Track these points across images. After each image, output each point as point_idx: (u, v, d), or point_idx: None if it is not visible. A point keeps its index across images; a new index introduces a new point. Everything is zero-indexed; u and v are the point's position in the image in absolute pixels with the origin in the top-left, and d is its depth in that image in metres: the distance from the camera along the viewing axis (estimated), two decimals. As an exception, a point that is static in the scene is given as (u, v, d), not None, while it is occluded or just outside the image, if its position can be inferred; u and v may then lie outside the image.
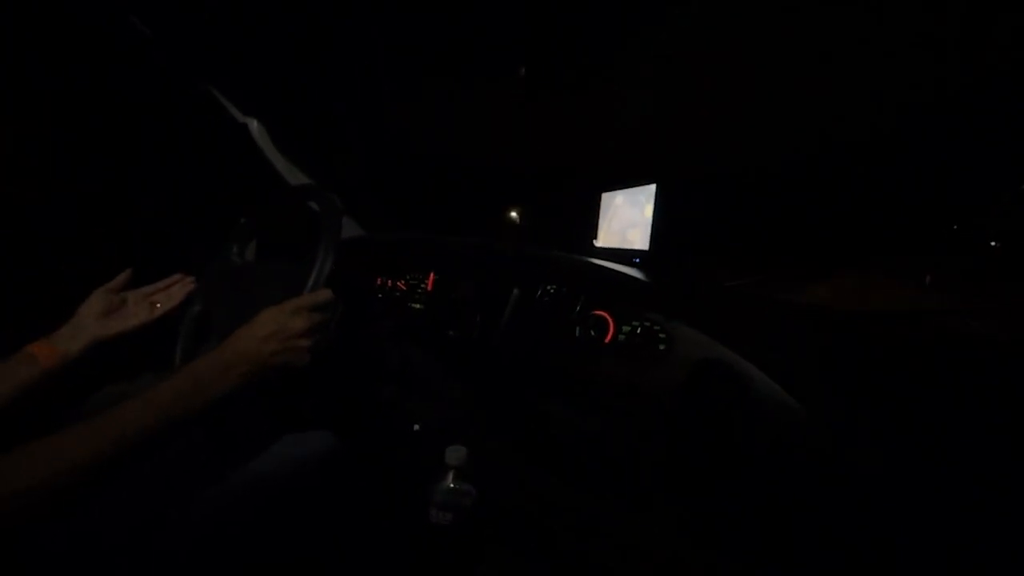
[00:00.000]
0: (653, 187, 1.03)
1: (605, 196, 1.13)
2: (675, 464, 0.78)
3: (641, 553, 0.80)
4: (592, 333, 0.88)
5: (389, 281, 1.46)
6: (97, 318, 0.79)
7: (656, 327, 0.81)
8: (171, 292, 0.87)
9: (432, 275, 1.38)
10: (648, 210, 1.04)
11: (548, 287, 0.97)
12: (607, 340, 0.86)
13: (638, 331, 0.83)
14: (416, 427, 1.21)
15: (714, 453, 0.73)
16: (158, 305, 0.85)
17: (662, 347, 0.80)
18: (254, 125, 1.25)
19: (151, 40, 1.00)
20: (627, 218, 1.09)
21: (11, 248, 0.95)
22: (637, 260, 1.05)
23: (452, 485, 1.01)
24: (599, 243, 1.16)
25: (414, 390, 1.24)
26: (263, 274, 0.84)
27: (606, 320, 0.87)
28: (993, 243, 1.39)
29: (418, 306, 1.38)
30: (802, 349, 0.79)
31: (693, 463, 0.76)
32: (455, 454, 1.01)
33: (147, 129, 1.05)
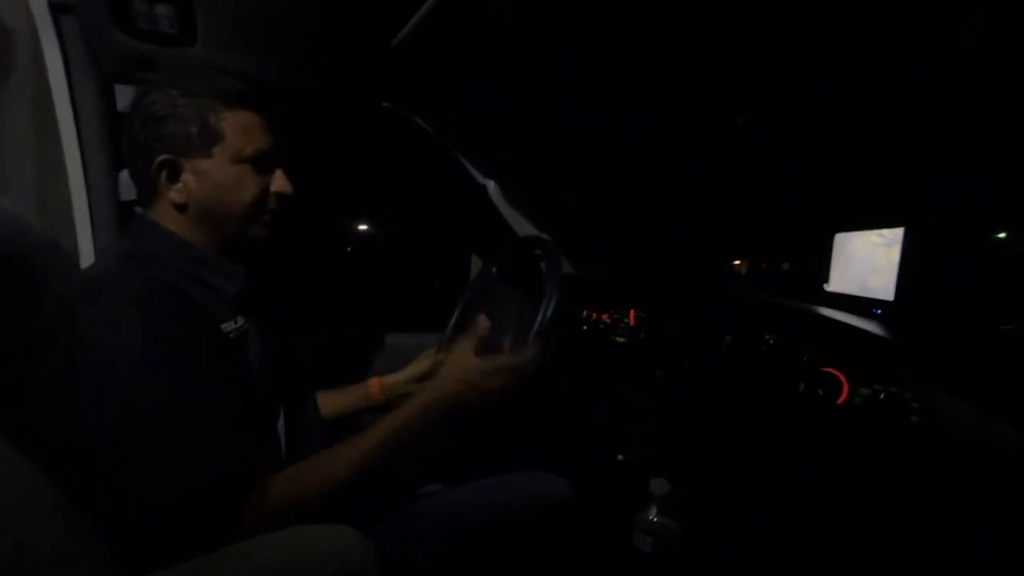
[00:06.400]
0: (900, 231, 0.90)
1: (839, 237, 1.03)
2: (928, 544, 0.68)
3: None
4: (820, 392, 0.83)
5: (594, 314, 1.59)
6: (416, 379, 1.01)
7: (907, 394, 0.72)
8: None
9: (632, 311, 1.45)
10: (894, 254, 0.91)
11: (767, 337, 0.94)
12: (839, 401, 0.80)
13: (880, 396, 0.75)
14: (620, 457, 1.29)
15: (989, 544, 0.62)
16: None
17: (915, 418, 0.71)
18: (491, 185, 1.55)
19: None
20: (867, 262, 0.97)
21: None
22: (879, 311, 0.93)
23: (655, 515, 1.07)
24: (831, 287, 1.06)
25: (619, 421, 1.33)
26: (505, 296, 1.09)
27: (838, 379, 0.81)
28: None
29: (621, 339, 1.47)
30: None
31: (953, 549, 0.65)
32: (660, 486, 1.06)
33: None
